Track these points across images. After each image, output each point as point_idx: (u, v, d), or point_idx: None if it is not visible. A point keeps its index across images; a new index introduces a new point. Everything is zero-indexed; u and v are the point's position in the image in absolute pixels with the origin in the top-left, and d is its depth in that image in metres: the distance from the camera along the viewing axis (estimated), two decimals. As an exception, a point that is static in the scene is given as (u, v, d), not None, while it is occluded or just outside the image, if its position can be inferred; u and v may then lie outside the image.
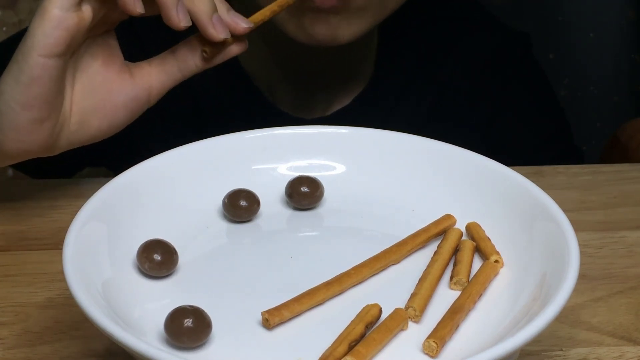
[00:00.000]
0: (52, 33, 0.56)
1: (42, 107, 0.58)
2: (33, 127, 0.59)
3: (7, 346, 0.52)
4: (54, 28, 0.56)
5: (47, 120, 0.59)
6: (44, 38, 0.56)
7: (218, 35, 0.60)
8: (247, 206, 0.54)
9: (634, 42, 1.17)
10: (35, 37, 0.57)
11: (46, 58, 0.57)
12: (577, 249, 0.47)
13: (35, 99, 0.58)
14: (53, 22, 0.56)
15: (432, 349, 0.44)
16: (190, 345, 0.45)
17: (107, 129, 0.62)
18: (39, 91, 0.58)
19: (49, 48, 0.57)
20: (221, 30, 0.60)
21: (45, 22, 0.56)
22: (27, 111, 0.58)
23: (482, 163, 0.55)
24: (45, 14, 0.56)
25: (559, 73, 1.14)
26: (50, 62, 0.57)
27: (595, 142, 1.16)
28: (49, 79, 0.58)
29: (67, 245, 0.47)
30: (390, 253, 0.51)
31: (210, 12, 0.60)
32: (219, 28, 0.60)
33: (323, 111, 0.85)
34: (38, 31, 0.56)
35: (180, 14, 0.58)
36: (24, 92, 0.58)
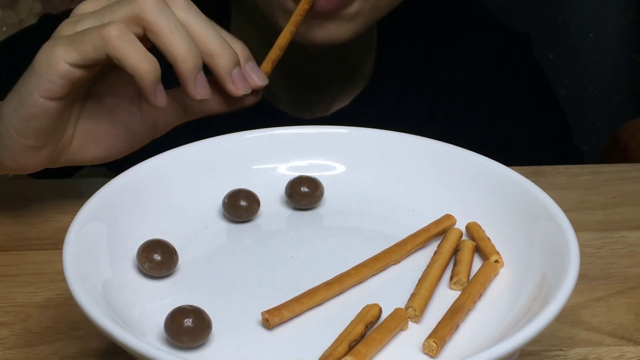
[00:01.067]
0: (56, 81, 0.56)
1: (40, 138, 0.58)
2: (29, 153, 0.59)
3: (7, 346, 0.52)
4: (60, 78, 0.56)
5: (44, 148, 0.59)
6: (47, 83, 0.56)
7: (237, 92, 0.60)
8: (247, 206, 0.54)
9: (634, 42, 1.17)
10: (39, 78, 0.56)
11: (47, 100, 0.57)
12: (577, 249, 0.47)
13: (33, 132, 0.58)
14: (59, 72, 0.56)
15: (432, 349, 0.44)
16: (190, 345, 0.45)
17: (105, 157, 0.63)
18: (37, 126, 0.58)
19: (50, 93, 0.56)
20: (241, 87, 0.60)
21: (51, 69, 0.56)
22: (24, 140, 0.58)
23: (482, 163, 0.55)
24: (53, 62, 0.56)
25: (559, 73, 1.14)
26: (51, 103, 0.57)
27: (595, 142, 1.16)
28: (47, 117, 0.57)
29: (67, 245, 0.47)
30: (390, 253, 0.51)
31: (230, 67, 0.59)
32: (238, 85, 0.60)
33: (323, 111, 0.85)
34: (43, 75, 0.56)
35: (199, 87, 0.58)
36: (22, 123, 0.58)
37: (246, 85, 0.60)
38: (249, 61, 0.61)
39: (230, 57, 0.59)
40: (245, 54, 0.61)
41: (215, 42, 0.58)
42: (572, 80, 1.17)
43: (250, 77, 0.61)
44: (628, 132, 0.89)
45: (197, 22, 0.58)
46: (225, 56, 0.58)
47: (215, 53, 0.58)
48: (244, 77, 0.60)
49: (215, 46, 0.58)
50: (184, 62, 0.56)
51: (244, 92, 0.60)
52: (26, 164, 0.60)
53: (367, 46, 0.85)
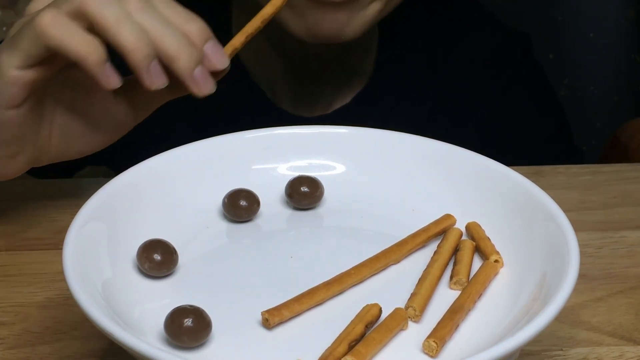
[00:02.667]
0: (10, 90, 0.54)
1: (10, 147, 0.57)
2: (5, 161, 0.58)
3: (7, 346, 0.52)
4: (11, 85, 0.54)
5: (20, 154, 0.58)
6: (1, 94, 0.55)
7: (201, 93, 0.56)
8: (247, 206, 0.54)
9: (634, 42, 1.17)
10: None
11: (7, 110, 0.55)
12: (577, 249, 0.47)
13: (2, 141, 0.57)
14: (10, 80, 0.54)
15: (432, 349, 0.44)
16: (190, 345, 0.45)
17: (91, 150, 0.61)
18: (5, 136, 0.57)
19: (8, 103, 0.55)
20: (204, 88, 0.56)
21: (2, 80, 0.54)
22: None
23: (482, 163, 0.55)
24: (2, 71, 0.54)
25: (559, 73, 1.14)
26: (12, 112, 0.55)
27: (595, 142, 1.16)
28: (12, 126, 0.56)
29: (67, 245, 0.47)
30: (390, 253, 0.51)
31: (191, 69, 0.55)
32: (201, 85, 0.56)
33: (323, 109, 0.85)
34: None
35: (154, 76, 0.54)
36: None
37: (210, 84, 0.56)
38: (209, 41, 0.57)
39: (189, 57, 0.55)
40: (205, 34, 0.57)
41: (172, 42, 0.55)
42: (572, 80, 1.17)
43: (209, 60, 0.56)
44: (628, 132, 0.89)
45: (151, 21, 0.54)
46: (184, 58, 0.55)
47: (173, 55, 0.55)
48: (206, 76, 0.56)
49: (172, 47, 0.55)
50: (133, 53, 0.53)
51: (209, 92, 0.56)
52: (5, 172, 0.59)
53: (367, 44, 0.85)
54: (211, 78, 0.57)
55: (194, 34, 0.56)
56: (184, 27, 0.56)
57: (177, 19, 0.56)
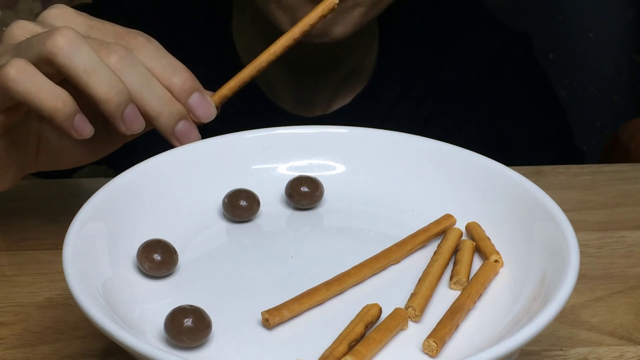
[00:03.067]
0: None
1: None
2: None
3: (7, 346, 0.52)
4: None
5: (5, 173, 0.57)
6: None
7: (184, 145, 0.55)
8: (247, 206, 0.54)
9: (634, 42, 1.17)
10: None
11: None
12: (577, 248, 0.47)
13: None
14: None
15: (432, 349, 0.44)
16: (190, 345, 0.45)
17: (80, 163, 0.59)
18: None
19: None
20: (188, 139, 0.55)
21: None
22: None
23: (482, 163, 0.55)
24: None
25: (559, 73, 1.14)
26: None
27: (595, 142, 1.16)
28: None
29: (67, 245, 0.47)
30: (390, 253, 0.51)
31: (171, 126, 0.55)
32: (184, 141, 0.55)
33: (324, 109, 0.85)
34: None
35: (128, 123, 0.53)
36: None
37: (193, 136, 0.56)
38: (194, 94, 0.56)
39: (169, 115, 0.54)
40: (189, 87, 0.55)
41: (151, 102, 0.54)
42: (572, 80, 1.17)
43: (194, 113, 0.56)
44: (628, 132, 0.89)
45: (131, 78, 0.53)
46: (164, 116, 0.54)
47: (153, 114, 0.54)
48: (189, 130, 0.55)
49: (152, 107, 0.54)
50: (105, 104, 0.52)
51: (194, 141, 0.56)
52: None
53: (368, 44, 0.85)
54: (195, 129, 0.56)
55: (178, 88, 0.55)
56: (167, 82, 0.55)
57: (160, 72, 0.55)
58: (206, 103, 0.56)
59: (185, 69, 0.56)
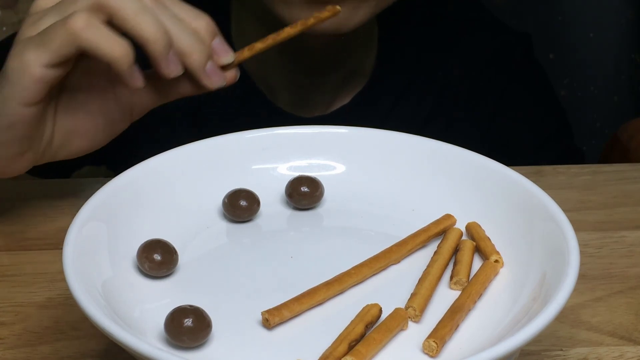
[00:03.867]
0: (33, 87, 0.55)
1: (22, 144, 0.58)
2: (13, 159, 0.59)
3: (7, 346, 0.52)
4: (36, 83, 0.55)
5: (27, 152, 0.59)
6: (23, 90, 0.56)
7: (212, 86, 0.59)
8: (247, 206, 0.54)
9: (634, 42, 1.17)
10: (14, 87, 0.56)
11: (26, 107, 0.56)
12: (577, 248, 0.47)
13: (15, 140, 0.58)
14: (34, 77, 0.55)
15: (432, 349, 0.44)
16: (190, 345, 0.45)
17: (88, 147, 0.62)
18: (19, 134, 0.57)
19: (28, 99, 0.56)
20: (216, 81, 0.59)
21: (26, 76, 0.55)
22: (7, 149, 0.58)
23: (482, 163, 0.55)
24: (27, 68, 0.55)
25: (559, 73, 1.14)
26: (30, 109, 0.56)
27: (595, 142, 1.16)
28: (28, 123, 0.57)
29: (67, 245, 0.47)
30: (390, 253, 0.51)
31: (203, 62, 0.58)
32: (213, 79, 0.59)
33: (323, 109, 0.85)
34: (17, 84, 0.55)
35: (172, 65, 0.57)
36: (3, 134, 0.57)
37: (221, 78, 0.59)
38: (216, 37, 0.59)
39: (201, 53, 0.58)
40: (212, 30, 0.59)
41: (185, 39, 0.57)
42: (572, 80, 1.17)
43: (217, 55, 0.59)
44: (628, 132, 0.89)
45: (164, 18, 0.57)
46: (197, 53, 0.58)
47: (186, 51, 0.57)
48: (217, 70, 0.59)
49: (186, 43, 0.57)
50: (154, 44, 0.56)
51: (219, 85, 0.59)
52: (11, 170, 0.60)
53: (367, 44, 0.85)
54: (221, 71, 0.59)
55: (203, 31, 0.59)
56: (193, 24, 0.58)
57: (186, 16, 0.58)
58: (227, 47, 0.60)
59: (206, 15, 0.59)
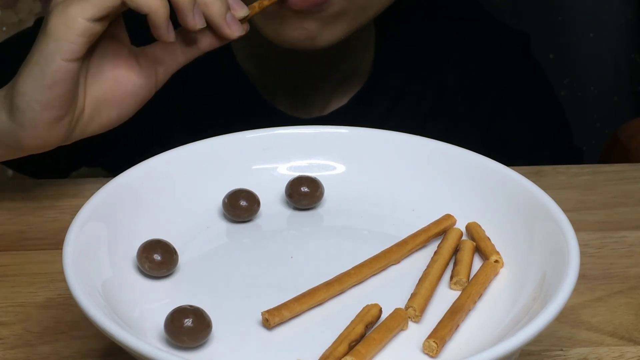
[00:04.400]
0: (77, 40, 0.58)
1: (62, 106, 0.59)
2: (52, 124, 0.60)
3: (7, 346, 0.52)
4: (80, 36, 0.58)
5: (65, 117, 0.60)
6: (67, 44, 0.58)
7: (233, 35, 0.63)
8: (247, 206, 0.54)
9: (634, 42, 1.17)
10: (59, 42, 0.58)
11: (69, 62, 0.58)
12: (577, 248, 0.47)
13: (57, 100, 0.59)
14: (79, 30, 0.58)
15: (432, 349, 0.44)
16: (190, 345, 0.45)
17: (118, 117, 0.64)
18: (61, 92, 0.59)
19: (72, 54, 0.58)
20: (235, 29, 0.63)
21: (70, 30, 0.57)
22: (48, 111, 0.59)
23: (482, 163, 0.55)
24: (71, 22, 0.57)
25: (559, 73, 1.14)
26: (72, 65, 0.58)
27: (595, 142, 1.16)
28: (70, 80, 0.59)
29: (67, 245, 0.47)
30: (390, 253, 0.51)
31: (223, 13, 0.62)
32: (233, 27, 0.63)
33: (321, 110, 0.85)
34: (62, 38, 0.57)
35: (197, 17, 0.61)
36: (46, 93, 0.59)
37: (240, 27, 0.63)
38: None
39: (221, 3, 0.62)
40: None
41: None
42: (572, 80, 1.17)
43: (233, 8, 0.63)
44: (628, 132, 0.89)
45: None
46: (217, 3, 0.62)
47: (208, 2, 0.61)
48: (235, 20, 0.63)
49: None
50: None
51: (239, 34, 0.63)
52: (48, 138, 0.61)
53: (364, 44, 0.84)
54: (239, 22, 0.63)
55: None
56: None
57: None
58: (241, 2, 0.64)
59: None
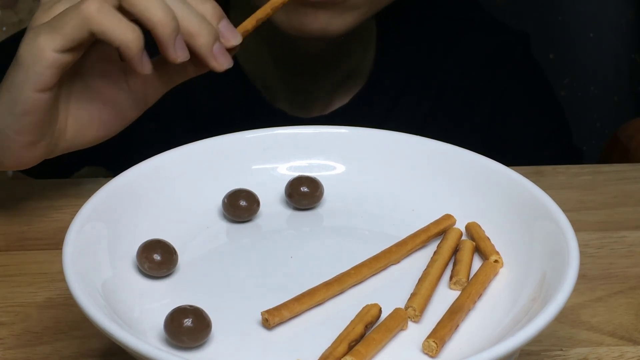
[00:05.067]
0: (46, 72, 0.56)
1: (36, 132, 0.59)
2: (28, 148, 0.59)
3: (7, 346, 0.52)
4: (48, 67, 0.56)
5: (41, 141, 0.59)
6: (36, 75, 0.56)
7: (220, 68, 0.59)
8: (247, 206, 0.54)
9: (634, 42, 1.17)
10: (27, 73, 0.56)
11: (39, 92, 0.57)
12: (577, 248, 0.47)
13: (29, 126, 0.58)
14: (48, 62, 0.56)
15: (431, 349, 0.44)
16: (190, 345, 0.45)
17: (104, 136, 0.62)
18: (33, 120, 0.58)
19: (42, 85, 0.56)
20: (223, 62, 0.59)
21: (39, 62, 0.56)
22: (22, 136, 0.58)
23: (482, 163, 0.55)
24: (40, 53, 0.55)
25: (559, 73, 1.14)
26: (43, 95, 0.57)
27: (595, 142, 1.16)
28: (42, 110, 0.57)
29: (67, 245, 0.47)
30: (390, 253, 0.51)
31: (210, 44, 0.58)
32: (220, 60, 0.59)
33: (322, 109, 0.85)
34: (30, 69, 0.56)
35: (179, 51, 0.57)
36: (18, 121, 0.58)
37: (228, 59, 0.60)
38: (222, 20, 0.60)
39: (208, 34, 0.58)
40: (218, 13, 0.60)
41: (193, 21, 0.58)
42: (572, 80, 1.17)
43: (224, 37, 0.60)
44: (628, 132, 0.89)
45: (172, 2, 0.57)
46: (204, 34, 0.58)
47: (194, 33, 0.58)
48: (224, 52, 0.59)
49: (194, 25, 0.57)
50: (162, 27, 0.56)
51: (227, 66, 0.60)
52: (25, 159, 0.60)
53: (365, 44, 0.84)
54: (228, 53, 0.60)
55: (210, 14, 0.59)
56: (200, 8, 0.59)
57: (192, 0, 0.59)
58: (233, 28, 0.60)
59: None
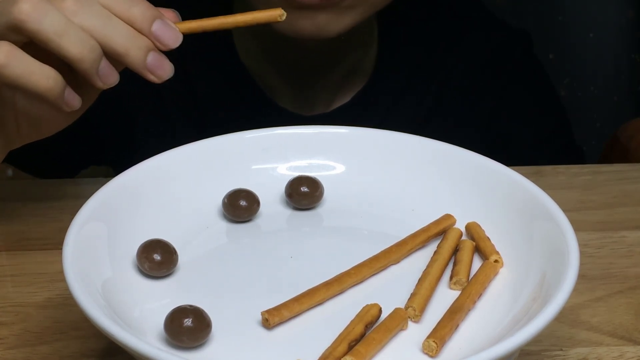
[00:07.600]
0: None
1: None
2: None
3: (7, 346, 0.52)
4: None
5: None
6: None
7: (159, 80, 0.55)
8: (247, 206, 0.54)
9: (634, 42, 1.17)
10: None
11: None
12: (577, 248, 0.47)
13: None
14: None
15: (431, 349, 0.44)
16: (190, 345, 0.45)
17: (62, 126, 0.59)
18: None
19: None
20: (161, 74, 0.55)
21: None
22: None
23: (482, 163, 0.55)
24: None
25: (559, 73, 1.14)
26: None
27: (595, 142, 1.16)
28: None
29: (67, 245, 0.47)
30: (390, 253, 0.51)
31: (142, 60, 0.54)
32: (157, 72, 0.54)
33: (324, 108, 0.85)
34: None
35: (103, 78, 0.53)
36: None
37: (165, 69, 0.54)
38: (155, 21, 0.54)
39: (138, 49, 0.53)
40: (149, 15, 0.54)
41: (117, 40, 0.53)
42: (572, 80, 1.17)
43: (160, 40, 0.54)
44: (628, 132, 0.89)
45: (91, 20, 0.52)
46: (133, 51, 0.53)
47: (121, 52, 0.53)
48: (160, 61, 0.54)
49: (119, 45, 0.53)
50: (81, 63, 0.52)
51: (166, 77, 0.55)
52: None
53: (367, 42, 0.85)
54: (165, 59, 0.55)
55: (139, 19, 0.54)
56: (127, 15, 0.54)
57: (117, 7, 0.54)
58: (170, 28, 0.55)
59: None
